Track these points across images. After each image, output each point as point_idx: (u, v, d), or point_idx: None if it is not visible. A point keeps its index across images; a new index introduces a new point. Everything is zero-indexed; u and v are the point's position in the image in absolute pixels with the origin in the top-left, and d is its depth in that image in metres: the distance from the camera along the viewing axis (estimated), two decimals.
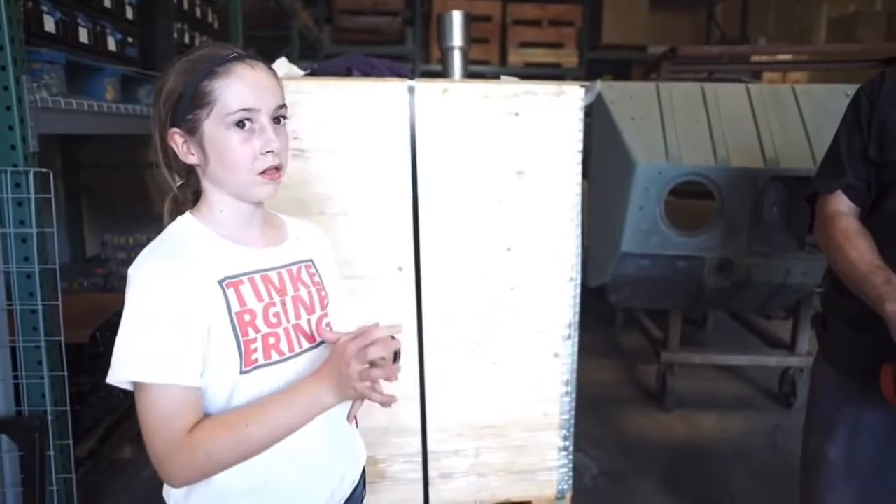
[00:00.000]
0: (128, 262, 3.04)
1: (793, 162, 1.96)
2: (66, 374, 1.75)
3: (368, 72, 1.81)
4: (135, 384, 0.84)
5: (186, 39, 2.96)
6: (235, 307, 0.88)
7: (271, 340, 0.91)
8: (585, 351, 3.49)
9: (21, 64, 1.64)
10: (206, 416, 0.88)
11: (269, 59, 3.86)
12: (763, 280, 2.03)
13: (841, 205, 1.34)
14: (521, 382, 1.98)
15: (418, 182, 1.80)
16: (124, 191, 4.36)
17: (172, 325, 0.83)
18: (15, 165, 1.64)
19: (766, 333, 3.09)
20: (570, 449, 2.07)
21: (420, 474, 2.00)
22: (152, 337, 0.83)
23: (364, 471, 1.12)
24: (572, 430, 2.05)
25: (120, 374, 0.83)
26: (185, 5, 2.95)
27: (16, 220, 1.66)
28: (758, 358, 2.85)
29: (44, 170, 1.66)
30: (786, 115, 2.09)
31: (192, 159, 0.91)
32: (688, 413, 2.96)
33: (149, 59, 2.64)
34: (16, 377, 1.71)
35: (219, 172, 0.89)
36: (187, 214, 0.95)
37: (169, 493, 0.95)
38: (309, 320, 0.96)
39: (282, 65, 1.85)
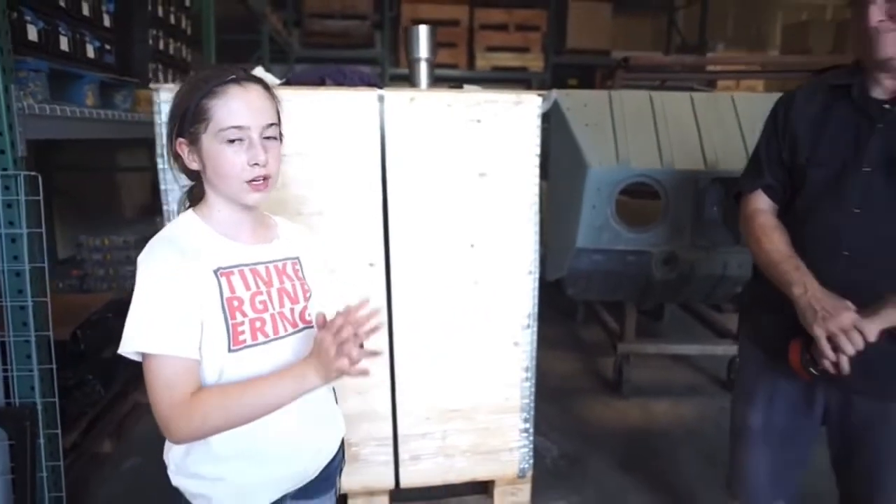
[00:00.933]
0: (103, 263, 3.12)
1: (730, 165, 2.16)
2: (54, 366, 1.85)
3: (341, 81, 1.95)
4: (143, 354, 0.97)
5: (161, 46, 3.06)
6: (227, 293, 1.02)
7: (257, 324, 1.05)
8: (548, 344, 3.69)
9: (9, 73, 1.75)
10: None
11: (240, 62, 3.97)
12: (705, 272, 2.23)
13: (760, 203, 1.54)
14: (484, 369, 2.15)
15: (388, 184, 1.95)
16: (95, 193, 4.42)
17: (175, 305, 0.97)
18: (4, 169, 1.74)
19: (715, 325, 3.32)
20: (531, 431, 2.24)
21: (391, 457, 2.15)
22: (157, 315, 0.96)
23: (343, 442, 1.26)
24: (532, 413, 2.22)
25: (129, 346, 0.97)
26: (160, 12, 3.04)
27: (6, 222, 1.75)
28: (707, 347, 3.07)
29: (33, 173, 1.77)
30: (725, 122, 2.29)
31: (194, 166, 1.04)
32: (643, 400, 3.17)
33: (125, 65, 2.74)
34: (4, 370, 1.81)
35: (214, 179, 1.03)
36: (189, 212, 1.09)
37: (169, 453, 1.08)
38: (292, 309, 1.10)
39: (257, 73, 1.98)
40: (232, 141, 1.00)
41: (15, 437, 1.77)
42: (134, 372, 2.99)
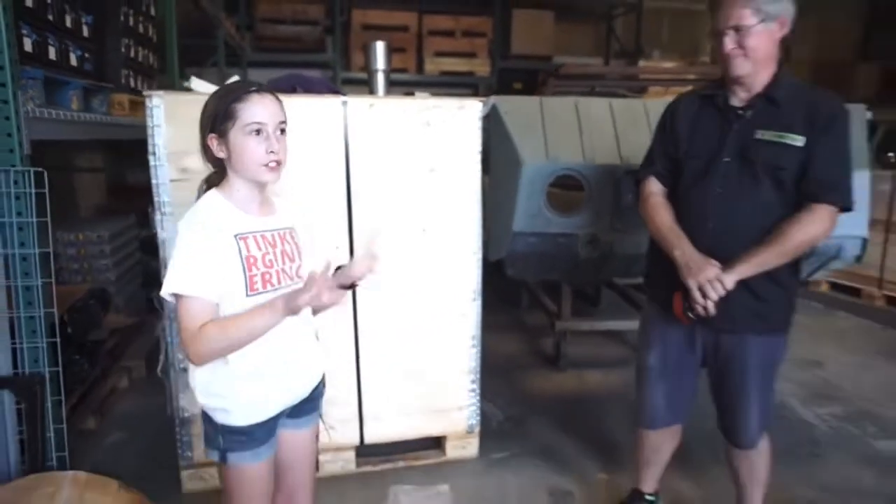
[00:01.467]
0: (77, 258, 3.35)
1: (641, 159, 2.58)
2: (58, 340, 2.11)
3: (309, 88, 2.29)
4: (176, 295, 1.28)
5: (132, 53, 3.32)
6: (244, 253, 1.34)
7: (267, 276, 1.37)
8: (495, 328, 4.09)
9: (17, 81, 2.01)
10: None
11: (198, 66, 4.34)
12: (622, 252, 2.64)
13: (653, 187, 1.95)
14: (436, 338, 2.52)
15: (350, 177, 2.30)
16: (62, 192, 4.57)
17: (204, 260, 1.29)
18: (13, 166, 2.00)
19: (641, 304, 3.78)
20: (478, 392, 2.62)
21: (356, 416, 2.49)
22: (191, 267, 1.28)
23: (324, 376, 1.60)
24: (478, 376, 2.60)
25: (168, 288, 1.28)
26: (131, 22, 3.29)
27: (16, 212, 2.02)
28: (633, 323, 3.49)
29: (39, 169, 2.03)
30: (638, 123, 2.72)
31: (221, 155, 1.36)
32: (578, 372, 3.60)
33: (101, 72, 2.99)
34: (13, 344, 2.06)
35: (238, 164, 1.35)
36: (213, 191, 1.40)
37: (195, 380, 1.40)
38: (291, 266, 1.44)
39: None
40: (255, 133, 1.32)
41: (26, 402, 2.03)
42: (113, 356, 3.24)
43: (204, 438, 1.46)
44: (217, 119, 1.33)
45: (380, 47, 2.56)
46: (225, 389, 1.38)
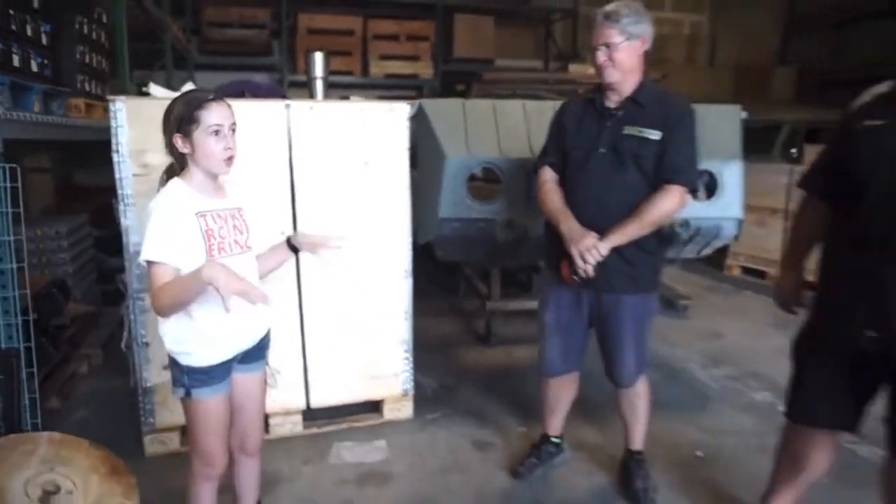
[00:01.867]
0: (36, 252, 3.58)
1: None
2: (31, 318, 2.39)
3: (256, 93, 2.62)
4: (148, 261, 1.61)
5: (87, 59, 3.57)
6: (203, 227, 1.67)
7: (221, 245, 1.71)
8: (434, 313, 4.47)
9: None
10: None
11: (147, 69, 4.67)
12: (535, 235, 3.04)
13: (547, 174, 2.36)
14: (373, 311, 2.88)
15: (294, 171, 2.64)
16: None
17: (171, 234, 1.61)
18: None
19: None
20: (411, 360, 3.00)
21: (303, 382, 2.83)
22: (160, 239, 1.60)
23: (269, 330, 1.93)
24: (411, 346, 2.98)
25: (144, 255, 1.60)
26: (85, 30, 3.54)
27: None
28: None
29: (13, 165, 2.31)
30: (545, 122, 3.14)
31: (186, 151, 1.68)
32: (507, 348, 4.01)
33: (59, 77, 3.24)
34: None
35: (201, 158, 1.68)
36: (176, 179, 1.72)
37: (164, 331, 1.72)
38: (240, 237, 1.77)
39: (156, 89, 2.61)
40: (215, 133, 1.66)
41: (4, 373, 2.30)
42: (74, 342, 3.48)
43: (172, 381, 1.78)
44: (182, 122, 1.66)
45: (318, 57, 2.91)
46: (188, 337, 1.71)
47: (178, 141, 1.68)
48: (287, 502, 2.37)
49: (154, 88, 2.54)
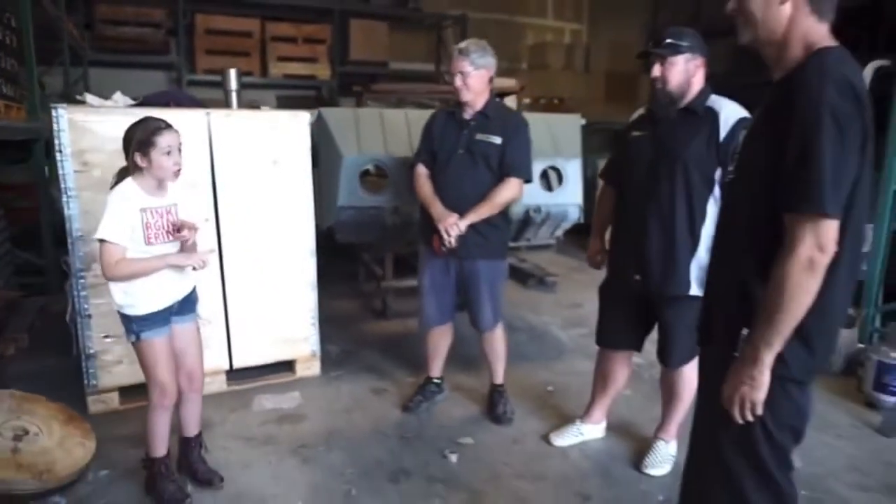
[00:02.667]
0: None
1: None
2: None
3: (180, 102, 3.16)
4: (100, 240, 2.16)
5: (2, 63, 3.91)
6: (145, 219, 2.23)
7: (157, 234, 2.27)
8: (338, 295, 5.09)
9: None
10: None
11: (46, 65, 5.14)
12: (417, 219, 3.78)
13: (421, 170, 3.08)
14: (285, 285, 3.49)
15: (214, 169, 3.20)
16: None
17: (121, 220, 2.17)
18: None
19: None
20: (317, 326, 3.63)
21: (226, 345, 3.39)
22: (113, 224, 2.15)
23: (195, 288, 2.51)
24: (317, 313, 3.61)
25: (99, 234, 2.13)
26: (1, 35, 3.89)
27: None
28: None
29: None
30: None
31: (143, 165, 2.22)
32: (402, 320, 4.72)
33: None
34: None
35: (155, 171, 2.22)
36: (130, 179, 2.26)
37: (113, 293, 2.27)
38: (172, 228, 2.34)
39: (119, 97, 3.12)
40: (167, 153, 2.22)
41: None
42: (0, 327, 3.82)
43: (125, 332, 2.33)
44: (142, 144, 2.21)
45: (232, 73, 3.48)
46: (132, 292, 2.26)
47: (138, 158, 2.23)
48: (220, 439, 2.94)
49: (90, 98, 3.03)
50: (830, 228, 1.38)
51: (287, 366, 3.64)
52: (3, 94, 3.90)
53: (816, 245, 1.37)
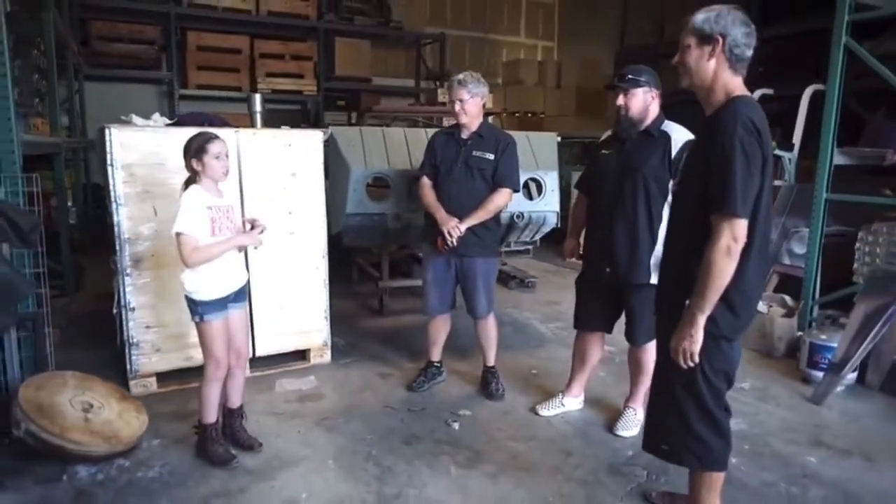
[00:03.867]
0: None
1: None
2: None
3: (212, 122, 3.65)
4: (177, 233, 2.64)
5: (38, 86, 4.34)
6: (210, 216, 2.72)
7: (219, 228, 2.75)
8: (336, 295, 5.55)
9: None
10: None
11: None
12: (416, 224, 4.28)
13: (425, 181, 3.61)
14: (301, 282, 3.98)
15: (242, 179, 3.68)
16: None
17: (193, 215, 2.65)
18: None
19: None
20: (328, 319, 4.12)
21: (250, 334, 3.86)
22: (188, 220, 2.63)
23: (249, 280, 3.00)
24: (328, 307, 4.11)
25: (177, 228, 2.61)
26: (36, 60, 4.32)
27: None
28: None
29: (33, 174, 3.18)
30: (421, 144, 4.38)
31: (199, 169, 2.72)
32: (397, 317, 5.24)
33: (22, 99, 4.03)
34: None
35: (209, 173, 2.72)
36: (194, 185, 2.75)
37: (184, 279, 2.74)
38: (230, 224, 2.82)
39: (157, 118, 3.59)
40: (216, 158, 2.72)
41: (34, 332, 3.17)
42: None
43: (189, 312, 2.81)
44: (198, 151, 2.70)
45: (257, 97, 3.98)
46: (199, 281, 2.74)
47: (194, 163, 2.73)
48: (252, 415, 3.38)
49: (135, 119, 3.50)
50: (741, 225, 1.96)
51: (301, 355, 4.12)
52: (37, 111, 4.33)
53: (732, 237, 1.95)
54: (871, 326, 3.67)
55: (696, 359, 2.07)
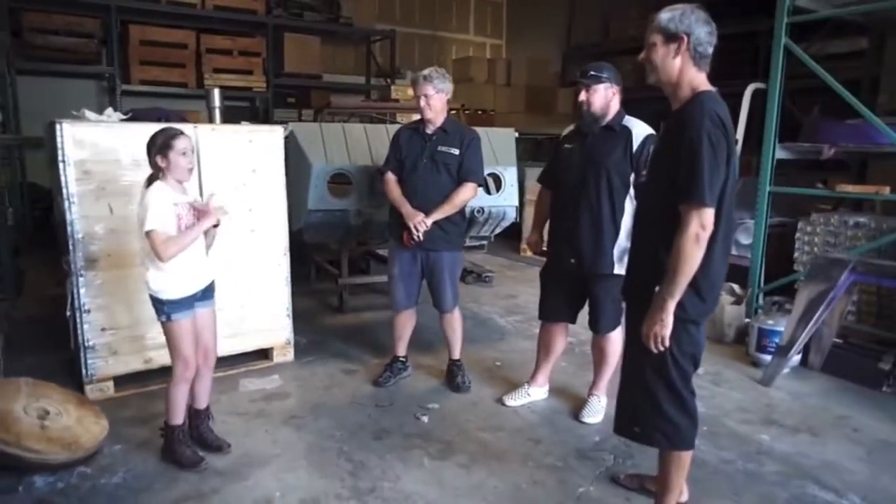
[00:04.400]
0: None
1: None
2: None
3: (169, 118, 3.55)
4: (148, 231, 2.56)
5: None
6: (176, 211, 2.65)
7: (185, 222, 2.69)
8: (295, 294, 5.49)
9: None
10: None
11: None
12: (378, 220, 4.28)
13: (390, 176, 3.61)
14: (262, 280, 3.92)
15: (201, 176, 3.60)
16: None
17: (161, 212, 2.58)
18: None
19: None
20: (291, 317, 4.07)
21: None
22: (157, 217, 2.56)
23: (214, 281, 2.94)
24: (290, 305, 4.06)
25: (148, 226, 2.54)
26: None
27: None
28: None
29: None
30: (382, 139, 4.39)
31: (163, 165, 2.64)
32: (357, 313, 5.22)
33: None
34: None
35: (174, 170, 2.65)
36: (158, 182, 2.67)
37: (148, 278, 2.67)
38: (196, 219, 2.77)
39: (110, 112, 3.47)
40: (182, 154, 2.65)
41: None
42: None
43: (155, 312, 2.73)
44: (163, 147, 2.63)
45: (216, 92, 3.89)
46: (165, 279, 2.68)
47: (158, 159, 2.66)
48: (218, 415, 3.30)
49: (88, 114, 3.37)
50: (709, 214, 2.05)
51: (263, 353, 4.06)
52: None
53: (700, 225, 2.04)
54: (813, 311, 3.88)
55: (667, 342, 2.15)
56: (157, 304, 2.73)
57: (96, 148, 3.30)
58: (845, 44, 7.24)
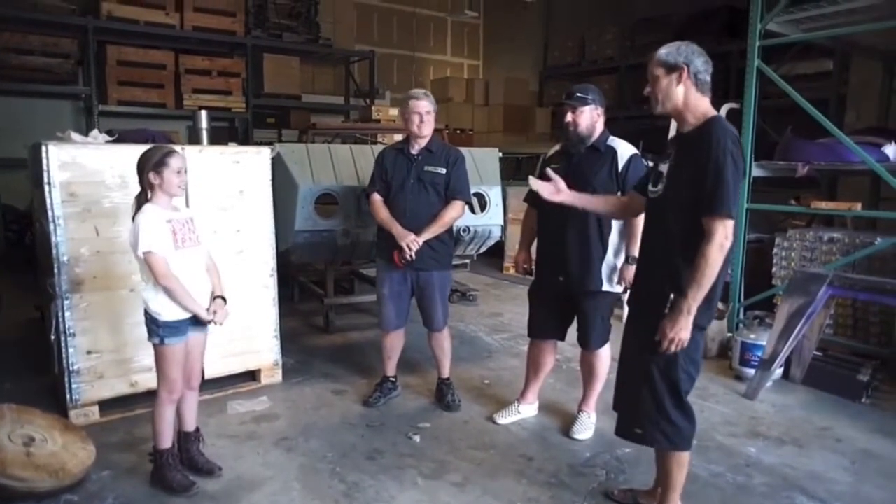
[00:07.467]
0: None
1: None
2: None
3: (156, 138, 3.54)
4: (145, 253, 2.55)
5: None
6: (172, 228, 2.64)
7: (182, 239, 2.68)
8: (280, 315, 5.49)
9: None
10: None
11: None
12: (365, 240, 4.29)
13: (376, 197, 3.63)
14: (250, 301, 3.90)
15: (188, 197, 3.58)
16: None
17: (155, 232, 2.57)
18: None
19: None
20: (278, 338, 4.05)
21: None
22: (152, 238, 2.54)
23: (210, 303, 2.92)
24: (278, 326, 4.04)
25: (143, 249, 2.53)
26: None
27: None
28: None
29: None
30: (368, 159, 4.42)
31: (157, 182, 2.64)
32: (343, 333, 5.20)
33: None
34: None
35: (167, 188, 2.64)
36: (148, 203, 2.66)
37: (147, 299, 2.65)
38: (192, 236, 2.75)
39: (96, 134, 3.45)
40: (177, 173, 2.65)
41: None
42: None
43: (147, 333, 2.70)
44: (158, 164, 2.63)
45: (203, 115, 3.89)
46: (162, 302, 2.66)
47: (152, 176, 2.65)
48: (207, 438, 3.24)
49: (74, 135, 3.35)
50: (732, 225, 2.19)
51: (251, 375, 4.03)
52: None
53: (726, 235, 2.18)
54: (794, 325, 3.98)
55: (685, 345, 2.25)
56: (153, 325, 2.70)
57: (83, 169, 3.27)
58: (812, 65, 7.54)
